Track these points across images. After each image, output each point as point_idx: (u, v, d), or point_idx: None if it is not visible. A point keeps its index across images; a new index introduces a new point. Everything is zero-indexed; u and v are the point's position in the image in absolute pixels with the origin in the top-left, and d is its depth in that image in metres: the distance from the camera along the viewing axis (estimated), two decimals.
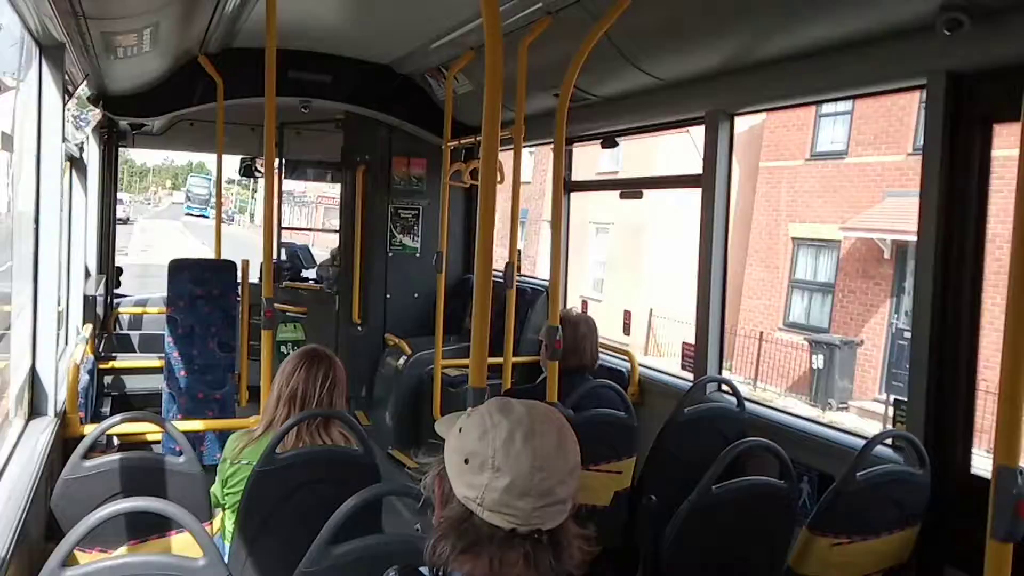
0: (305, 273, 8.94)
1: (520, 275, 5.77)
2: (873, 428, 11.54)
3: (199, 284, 5.44)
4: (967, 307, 2.93)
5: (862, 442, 3.13)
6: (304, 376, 2.92)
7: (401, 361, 6.26)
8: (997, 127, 2.90)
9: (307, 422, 2.84)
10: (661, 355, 17.41)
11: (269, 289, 3.65)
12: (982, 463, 2.71)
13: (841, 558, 2.75)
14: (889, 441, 3.09)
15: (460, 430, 1.40)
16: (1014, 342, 1.58)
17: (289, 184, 13.45)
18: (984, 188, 2.92)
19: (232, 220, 54.61)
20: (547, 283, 5.46)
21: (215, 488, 2.92)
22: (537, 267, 21.61)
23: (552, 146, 4.12)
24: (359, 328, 6.95)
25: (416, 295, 6.96)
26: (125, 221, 39.86)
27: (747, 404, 3.89)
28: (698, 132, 4.34)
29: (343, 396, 3.00)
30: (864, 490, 2.73)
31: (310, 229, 29.07)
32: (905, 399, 3.14)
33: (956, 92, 2.91)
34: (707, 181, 4.24)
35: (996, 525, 1.61)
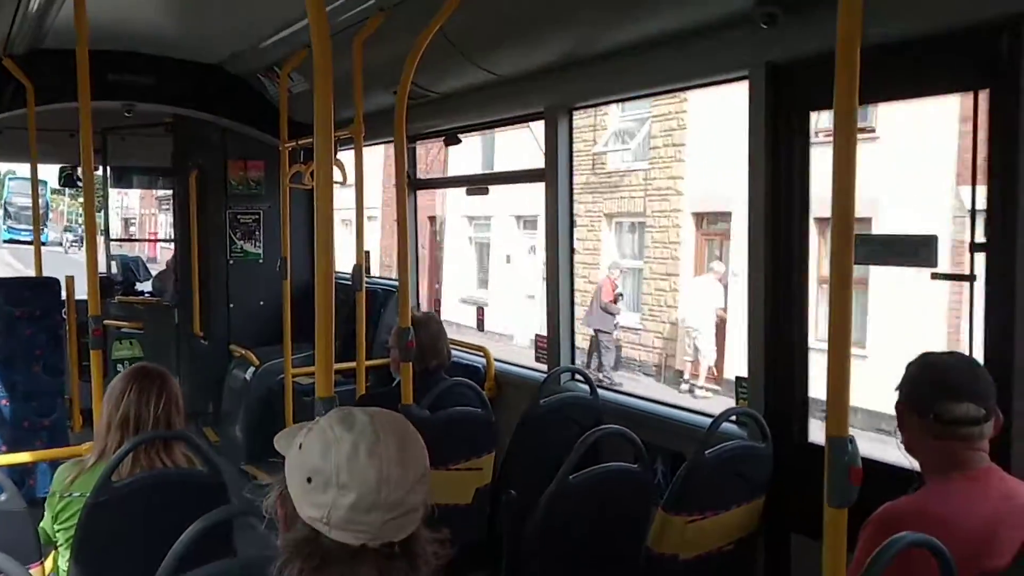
0: (140, 286, 8.46)
1: (370, 276, 5.67)
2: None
3: (18, 304, 5.02)
4: (796, 288, 3.10)
5: (710, 420, 3.26)
6: (136, 397, 2.71)
7: (249, 373, 6.02)
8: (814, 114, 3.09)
9: (145, 445, 2.66)
10: None
11: (95, 306, 3.40)
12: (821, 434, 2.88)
13: (696, 534, 2.85)
14: (734, 418, 3.23)
15: (300, 447, 1.33)
16: (838, 321, 1.66)
17: None
18: (805, 172, 3.09)
19: (80, 242, 48.73)
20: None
21: (45, 524, 2.68)
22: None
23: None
24: (202, 341, 6.64)
25: (262, 303, 6.70)
26: None
27: (600, 391, 3.98)
28: (539, 127, 4.40)
29: (181, 414, 2.82)
30: (713, 467, 2.84)
31: (141, 240, 27.18)
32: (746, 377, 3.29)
33: (776, 82, 3.07)
34: (550, 175, 4.29)
35: (831, 493, 1.70)
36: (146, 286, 8.50)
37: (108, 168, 7.40)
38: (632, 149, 14.93)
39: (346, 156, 4.88)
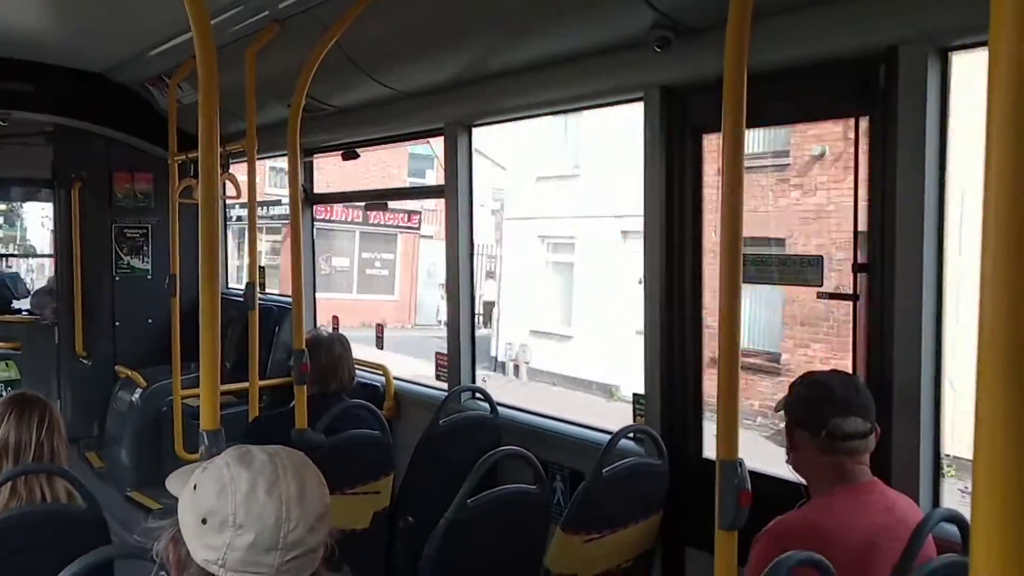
0: (17, 304, 8.00)
1: (264, 294, 5.51)
2: None
3: None
4: (690, 307, 3.16)
5: (608, 437, 3.28)
6: (15, 424, 2.59)
7: (136, 394, 5.75)
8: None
9: (25, 476, 2.51)
10: None
11: None
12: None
13: (594, 552, 2.85)
14: (632, 435, 3.26)
15: (195, 487, 1.27)
16: (727, 346, 1.69)
17: None
18: (698, 194, 3.16)
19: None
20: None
21: None
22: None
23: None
24: (84, 361, 6.32)
25: (150, 321, 6.42)
26: None
27: (501, 410, 3.96)
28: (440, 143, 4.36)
29: (64, 441, 2.69)
30: (610, 485, 2.85)
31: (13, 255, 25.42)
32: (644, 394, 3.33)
33: (669, 105, 3.13)
34: (450, 192, 4.26)
35: (722, 516, 1.72)
36: (24, 303, 8.07)
37: None
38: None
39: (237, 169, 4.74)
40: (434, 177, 19.33)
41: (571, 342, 15.07)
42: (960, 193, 2.46)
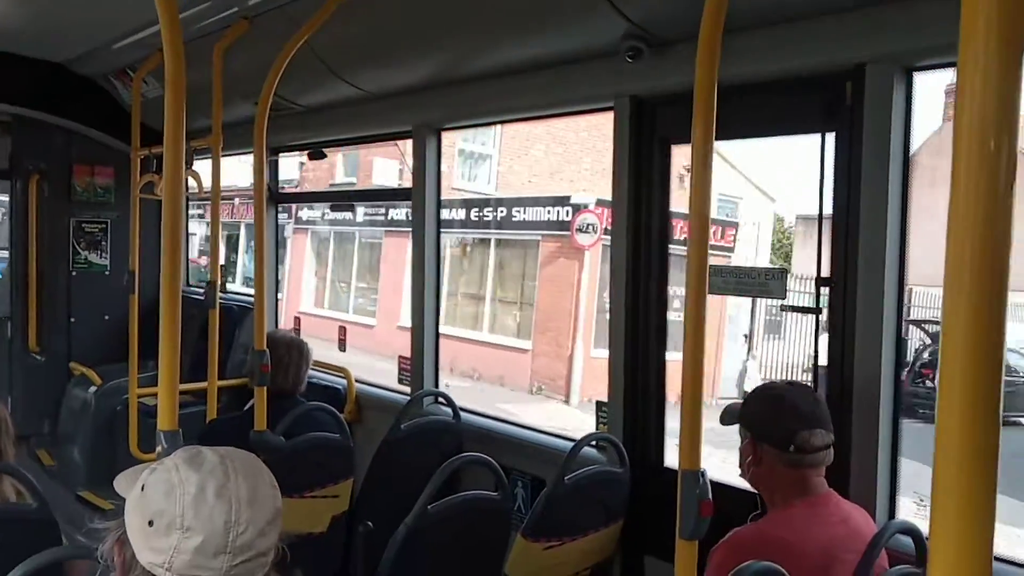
0: None
1: (224, 292, 5.43)
2: None
3: None
4: (654, 317, 3.17)
5: (571, 444, 3.28)
6: None
7: (90, 392, 5.64)
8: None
9: None
10: None
11: None
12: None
13: (554, 559, 2.85)
14: (594, 443, 3.26)
15: (143, 488, 1.25)
16: (692, 357, 1.70)
17: None
18: (665, 203, 3.17)
19: None
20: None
21: None
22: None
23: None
24: (37, 357, 6.18)
25: (107, 317, 6.30)
26: None
27: (463, 415, 3.94)
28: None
29: (12, 439, 2.62)
30: (572, 493, 2.85)
31: None
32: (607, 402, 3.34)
33: (639, 115, 3.14)
34: (417, 195, 4.25)
35: (683, 525, 1.72)
36: None
37: None
38: None
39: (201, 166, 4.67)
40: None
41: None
42: None
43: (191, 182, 5.01)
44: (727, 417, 2.38)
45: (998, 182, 0.68)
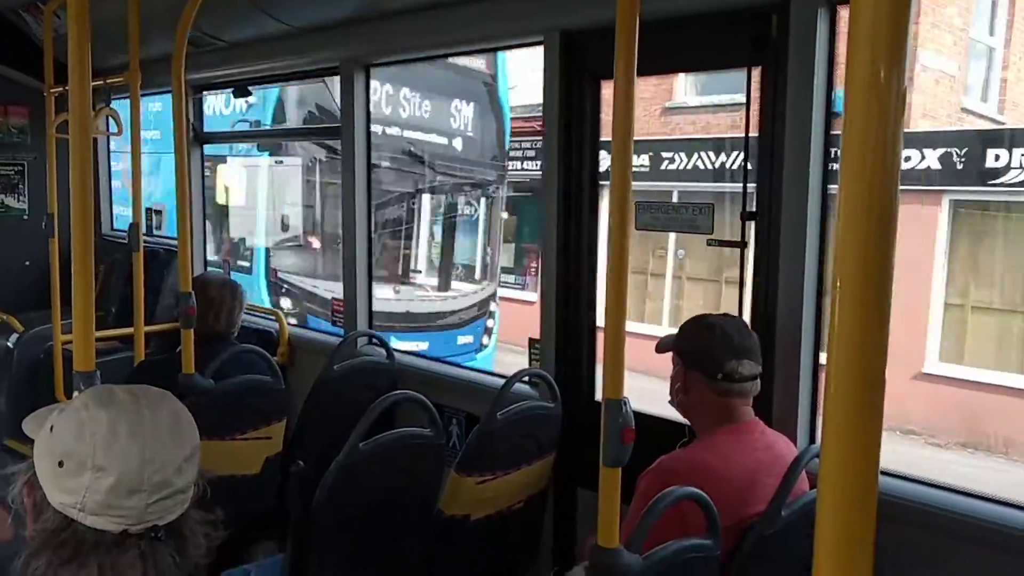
0: None
1: (148, 236, 5.29)
2: None
3: None
4: (585, 253, 3.19)
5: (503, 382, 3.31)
6: None
7: (12, 340, 5.46)
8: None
9: None
10: None
11: None
12: None
13: (487, 493, 2.89)
14: (527, 379, 3.29)
15: (52, 429, 1.22)
16: (615, 290, 1.71)
17: None
18: (596, 140, 3.17)
19: None
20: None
21: None
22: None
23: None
24: None
25: (27, 263, 6.09)
26: None
27: (397, 356, 3.94)
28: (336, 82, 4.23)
29: None
30: (504, 428, 2.88)
31: None
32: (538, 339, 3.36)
33: (568, 50, 3.11)
34: (346, 132, 4.16)
35: (606, 453, 1.76)
36: None
37: None
38: None
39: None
40: None
41: None
42: None
43: (110, 121, 4.82)
44: (663, 345, 2.44)
45: (888, 114, 0.69)
